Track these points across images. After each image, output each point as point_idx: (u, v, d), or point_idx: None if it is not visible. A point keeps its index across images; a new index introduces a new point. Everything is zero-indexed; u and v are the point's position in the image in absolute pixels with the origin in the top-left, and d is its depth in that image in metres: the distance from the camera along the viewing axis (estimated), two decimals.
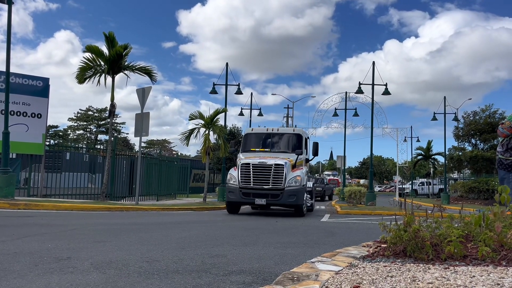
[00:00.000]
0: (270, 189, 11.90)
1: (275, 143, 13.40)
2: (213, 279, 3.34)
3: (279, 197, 11.82)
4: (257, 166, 12.02)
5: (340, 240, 6.38)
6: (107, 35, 15.60)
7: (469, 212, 4.41)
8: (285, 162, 11.95)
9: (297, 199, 11.87)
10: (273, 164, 11.89)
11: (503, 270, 2.87)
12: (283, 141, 13.47)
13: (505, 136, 6.89)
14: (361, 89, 22.33)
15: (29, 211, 9.93)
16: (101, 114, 66.55)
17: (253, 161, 12.09)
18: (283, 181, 11.83)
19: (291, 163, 12.17)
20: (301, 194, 12.00)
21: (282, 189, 11.82)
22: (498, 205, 3.71)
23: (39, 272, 3.41)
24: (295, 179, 11.91)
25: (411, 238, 3.39)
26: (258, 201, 11.88)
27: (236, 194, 12.11)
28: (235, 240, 6.03)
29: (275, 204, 12.33)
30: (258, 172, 11.98)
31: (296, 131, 13.83)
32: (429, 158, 49.40)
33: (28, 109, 14.47)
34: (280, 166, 11.89)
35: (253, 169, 12.01)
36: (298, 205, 12.11)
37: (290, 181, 11.85)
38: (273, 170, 11.87)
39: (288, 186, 11.83)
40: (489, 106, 35.32)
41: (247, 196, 12.02)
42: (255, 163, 12.02)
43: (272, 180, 11.86)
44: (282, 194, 11.79)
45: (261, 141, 13.52)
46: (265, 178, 11.93)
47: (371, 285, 2.56)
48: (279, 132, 13.73)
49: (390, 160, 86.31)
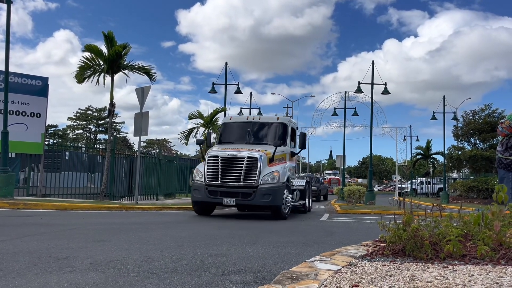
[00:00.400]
0: (241, 186, 10.02)
1: (255, 134, 11.58)
2: (213, 278, 3.34)
3: (251, 197, 9.93)
4: (226, 160, 10.19)
5: (339, 239, 6.38)
6: (106, 35, 15.58)
7: (468, 211, 4.41)
8: (260, 154, 10.14)
9: (273, 199, 9.95)
10: (245, 157, 10.09)
11: (502, 269, 2.87)
12: (265, 131, 11.71)
13: (504, 135, 6.90)
14: (361, 88, 22.37)
15: (28, 211, 9.92)
16: (101, 114, 66.56)
17: (222, 153, 10.32)
18: (256, 177, 9.97)
19: (268, 156, 10.35)
20: (278, 193, 10.09)
21: (255, 187, 9.95)
22: (497, 204, 3.72)
23: (38, 272, 3.41)
24: (272, 175, 10.07)
25: (410, 237, 3.40)
26: (227, 201, 10.08)
27: (201, 192, 10.32)
28: (234, 239, 6.03)
29: (247, 205, 10.53)
30: (227, 166, 10.15)
31: (281, 119, 11.96)
32: (429, 158, 49.41)
33: (27, 109, 14.46)
34: (253, 160, 10.09)
35: (222, 163, 10.18)
36: (275, 206, 10.14)
37: (265, 177, 10.01)
38: (245, 164, 10.04)
39: (262, 183, 9.96)
40: (488, 106, 35.41)
41: (214, 195, 10.17)
42: (224, 156, 10.22)
43: (243, 176, 10.00)
44: (255, 193, 9.91)
45: (240, 131, 11.73)
46: (235, 173, 10.09)
47: (370, 284, 2.56)
48: (260, 121, 12.01)
49: (389, 159, 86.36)
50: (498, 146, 7.08)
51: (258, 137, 11.56)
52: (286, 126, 11.59)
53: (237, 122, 12.16)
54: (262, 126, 11.84)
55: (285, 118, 12.28)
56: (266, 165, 10.23)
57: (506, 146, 6.86)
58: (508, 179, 6.73)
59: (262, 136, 11.57)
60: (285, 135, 11.45)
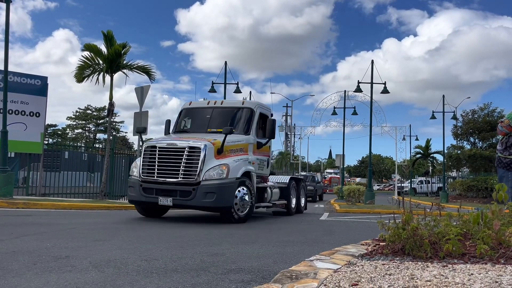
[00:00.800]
0: (180, 183, 8.29)
1: (216, 121, 9.79)
2: (212, 278, 3.34)
3: (191, 196, 8.15)
4: (164, 150, 8.52)
5: (339, 238, 6.39)
6: (106, 34, 15.58)
7: (468, 211, 4.42)
8: (205, 144, 8.35)
9: (219, 198, 8.12)
10: (186, 147, 8.37)
11: (501, 268, 2.87)
12: (228, 117, 9.88)
13: (504, 134, 6.90)
14: (360, 87, 22.36)
15: (28, 210, 9.92)
16: (100, 113, 66.50)
17: (161, 143, 8.67)
18: (197, 171, 8.19)
19: (216, 146, 8.49)
20: (226, 192, 8.22)
21: (196, 184, 8.16)
22: (496, 203, 3.72)
23: (38, 271, 3.40)
24: (219, 170, 8.25)
25: (409, 236, 3.40)
26: (163, 201, 8.30)
27: (136, 190, 8.66)
28: (234, 238, 6.03)
29: (186, 206, 8.54)
30: (165, 158, 8.50)
31: (247, 104, 10.13)
32: (428, 157, 49.43)
33: (27, 108, 14.44)
34: (194, 150, 8.33)
35: (160, 154, 8.51)
36: (221, 208, 8.33)
37: (209, 172, 8.20)
38: (186, 155, 8.32)
39: (205, 179, 8.15)
40: (487, 105, 35.48)
41: (149, 193, 8.48)
42: (162, 146, 8.56)
43: (183, 170, 8.28)
44: (196, 191, 8.11)
45: (199, 118, 10.16)
46: (174, 167, 8.39)
47: (369, 283, 2.56)
48: (223, 106, 10.21)
49: (389, 158, 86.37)
50: (498, 145, 7.08)
51: (218, 124, 9.63)
52: (252, 112, 9.81)
53: (197, 107, 10.42)
54: (224, 112, 10.08)
55: (252, 102, 10.48)
56: (213, 157, 8.42)
57: (505, 145, 6.87)
58: (507, 178, 6.73)
59: (223, 124, 9.58)
60: (250, 122, 9.70)
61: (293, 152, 45.65)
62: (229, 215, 8.40)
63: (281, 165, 53.02)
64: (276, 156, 56.44)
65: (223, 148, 8.62)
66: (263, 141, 10.02)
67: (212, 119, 9.86)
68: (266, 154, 10.32)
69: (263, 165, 10.19)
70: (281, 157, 53.58)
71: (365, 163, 79.24)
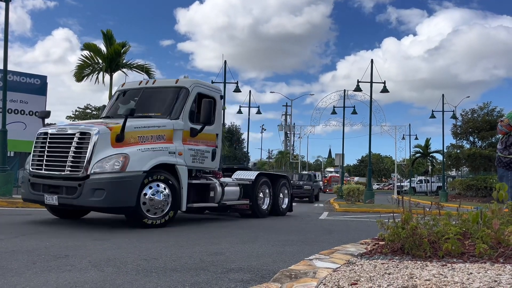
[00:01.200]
0: (66, 177, 6.78)
1: (142, 104, 8.22)
2: (211, 277, 3.34)
3: (76, 193, 6.58)
4: (54, 138, 7.09)
5: (338, 237, 6.39)
6: (105, 33, 15.60)
7: (467, 210, 4.42)
8: (98, 129, 6.80)
9: (110, 197, 6.52)
10: (76, 132, 6.87)
11: (501, 267, 2.87)
12: (156, 99, 8.39)
13: (503, 133, 6.90)
14: (360, 87, 22.36)
15: (27, 209, 9.90)
16: (99, 112, 66.37)
17: (52, 129, 7.32)
18: (84, 162, 6.62)
19: (114, 132, 6.91)
20: (123, 188, 6.60)
21: (84, 178, 6.60)
22: (496, 203, 3.72)
23: (37, 270, 3.40)
24: (115, 160, 6.63)
25: (408, 236, 3.40)
26: (49, 200, 6.82)
27: (25, 185, 7.40)
28: (233, 237, 6.03)
29: (72, 205, 6.91)
30: (55, 147, 7.05)
31: (181, 82, 8.36)
32: (427, 156, 49.49)
33: (26, 107, 14.45)
34: (85, 137, 6.81)
35: (49, 142, 7.10)
36: (118, 209, 6.84)
37: (101, 163, 6.60)
38: (75, 143, 6.82)
39: (94, 172, 6.57)
40: (487, 104, 35.44)
41: (37, 190, 7.09)
42: (53, 133, 7.14)
43: (70, 161, 6.76)
44: (82, 187, 6.56)
45: (127, 101, 8.56)
46: (62, 157, 6.88)
47: (368, 282, 2.56)
48: (154, 85, 8.62)
49: (388, 158, 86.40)
50: (498, 144, 7.08)
51: (146, 107, 8.18)
52: (186, 92, 8.14)
53: (129, 89, 8.87)
54: (155, 92, 8.51)
55: (188, 80, 8.50)
56: (109, 145, 6.81)
57: (505, 144, 6.86)
58: (507, 177, 6.72)
59: (150, 107, 8.22)
60: (181, 103, 8.03)
61: (293, 151, 45.69)
62: (136, 219, 6.84)
63: (281, 164, 53.07)
64: (276, 156, 56.50)
65: (123, 134, 6.97)
66: (199, 127, 8.12)
67: (140, 102, 8.25)
68: (209, 143, 8.53)
69: (204, 157, 8.31)
70: (281, 157, 53.62)
71: (364, 162, 79.23)
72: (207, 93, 8.62)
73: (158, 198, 7.01)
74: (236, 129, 41.34)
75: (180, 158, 7.67)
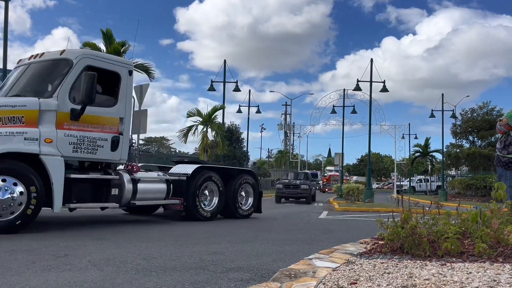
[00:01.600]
0: None
1: (23, 81, 7.00)
2: (211, 276, 3.35)
3: None
4: None
5: (338, 237, 6.39)
6: (105, 32, 15.59)
7: (467, 209, 4.43)
8: None
9: None
10: None
11: (500, 267, 2.88)
12: (38, 75, 7.05)
13: (503, 133, 6.90)
14: (359, 86, 22.39)
15: None
16: None
17: None
18: None
19: None
20: None
21: None
22: (495, 202, 3.73)
23: (37, 270, 3.41)
24: None
25: (408, 235, 3.40)
26: None
27: None
28: (233, 237, 6.04)
29: None
30: None
31: (66, 53, 6.83)
32: (427, 155, 49.46)
33: None
34: None
35: None
36: None
37: None
38: None
39: None
40: (486, 104, 35.46)
41: None
42: None
43: None
44: None
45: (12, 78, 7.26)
46: None
47: (368, 282, 2.56)
48: (40, 59, 7.03)
49: (388, 157, 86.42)
50: (497, 144, 7.08)
51: (24, 85, 6.92)
52: (68, 64, 6.62)
53: (20, 65, 7.37)
54: (39, 67, 7.05)
55: (73, 51, 7.12)
56: None
57: (504, 144, 6.86)
58: (506, 177, 6.72)
59: (29, 84, 6.95)
60: (59, 79, 6.52)
61: (293, 150, 45.68)
62: None
63: (281, 163, 53.08)
64: (276, 155, 56.49)
65: None
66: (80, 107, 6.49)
67: (21, 79, 6.99)
68: (106, 129, 6.95)
69: (96, 146, 6.77)
70: (281, 156, 53.64)
71: (364, 161, 79.23)
72: (105, 67, 7.04)
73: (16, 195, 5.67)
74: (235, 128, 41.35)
75: (49, 146, 6.13)
